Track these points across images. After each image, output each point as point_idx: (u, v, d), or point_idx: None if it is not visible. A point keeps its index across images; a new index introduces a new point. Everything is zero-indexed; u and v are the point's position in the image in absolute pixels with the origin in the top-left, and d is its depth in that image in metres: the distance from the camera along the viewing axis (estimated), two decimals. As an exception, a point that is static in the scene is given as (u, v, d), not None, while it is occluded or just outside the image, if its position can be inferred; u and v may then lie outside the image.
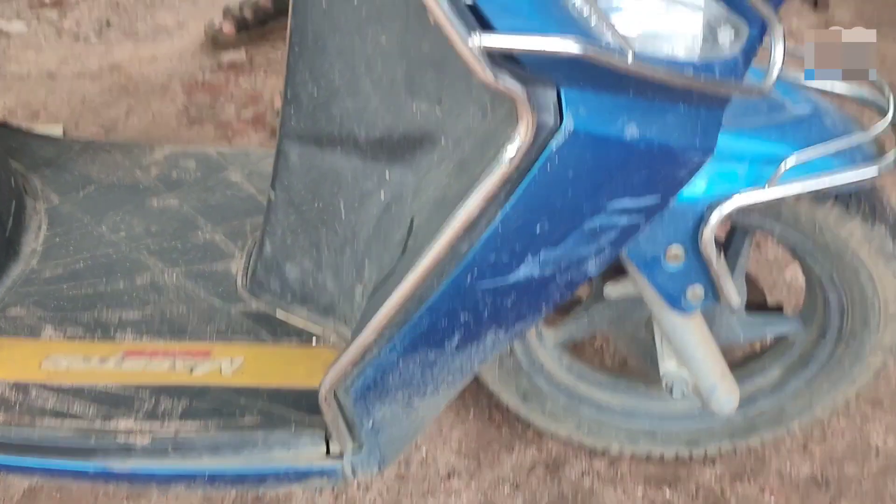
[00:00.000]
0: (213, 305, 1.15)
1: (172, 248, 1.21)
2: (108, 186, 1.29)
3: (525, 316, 0.90)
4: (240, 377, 1.08)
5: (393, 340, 0.87)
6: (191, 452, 1.02)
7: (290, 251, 1.10)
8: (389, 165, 0.95)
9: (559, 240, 0.82)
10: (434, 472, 1.45)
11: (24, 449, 1.00)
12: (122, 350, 1.09)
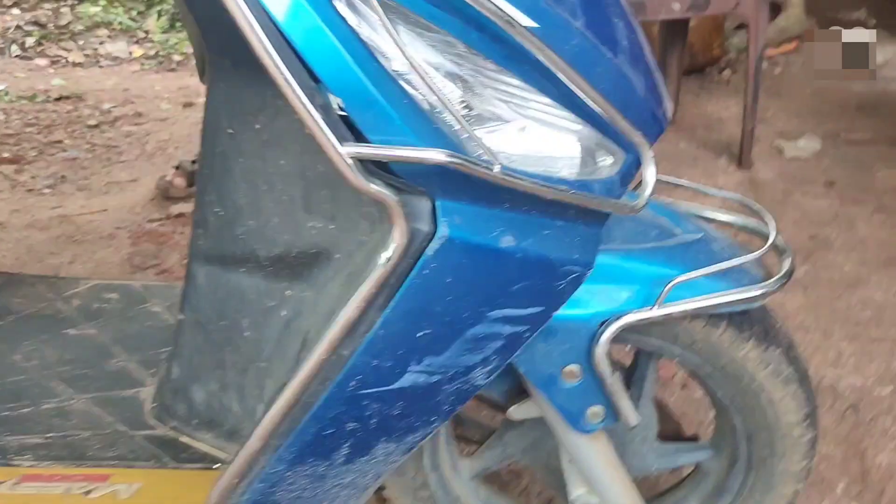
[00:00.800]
0: (117, 430, 1.15)
1: (83, 375, 1.22)
2: (27, 317, 1.31)
3: (416, 427, 0.91)
4: (136, 501, 1.06)
5: (279, 451, 0.88)
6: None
7: (197, 372, 1.11)
8: (290, 283, 0.99)
9: (443, 347, 0.85)
10: None
11: None
12: (19, 474, 1.07)
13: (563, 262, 0.87)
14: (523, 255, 0.84)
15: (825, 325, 2.10)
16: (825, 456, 1.70)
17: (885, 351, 2.00)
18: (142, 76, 4.54)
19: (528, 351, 0.99)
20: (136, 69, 4.66)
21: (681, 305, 1.02)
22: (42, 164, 2.98)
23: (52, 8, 5.15)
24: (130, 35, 5.09)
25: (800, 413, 1.18)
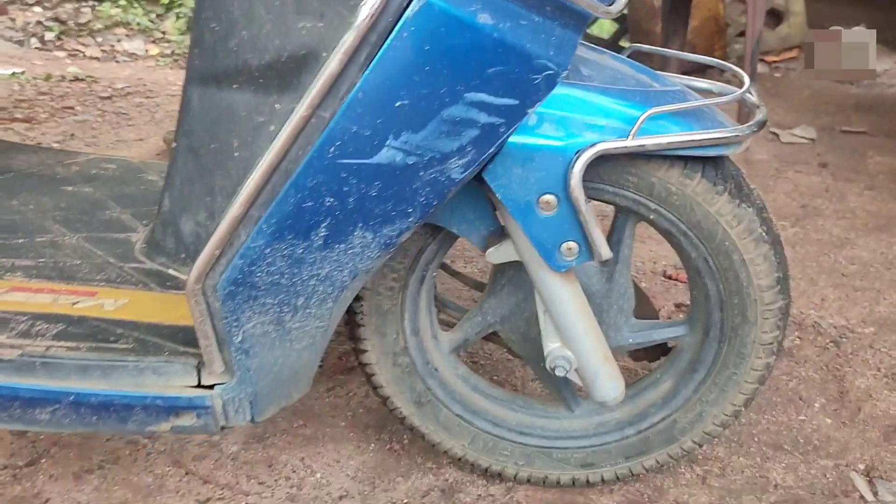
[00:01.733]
0: (107, 261, 1.18)
1: (78, 219, 1.26)
2: (27, 174, 1.36)
3: (392, 217, 0.95)
4: (120, 313, 1.09)
5: (260, 223, 0.91)
6: (59, 371, 1.02)
7: (187, 202, 1.15)
8: (279, 95, 1.03)
9: (420, 124, 0.89)
10: (326, 493, 1.42)
11: None
12: (9, 286, 1.10)
13: (538, 55, 0.92)
14: (500, 38, 0.89)
15: (812, 276, 2.13)
16: (804, 378, 1.72)
17: (870, 298, 2.02)
18: (156, 70, 4.65)
19: (505, 175, 1.04)
20: (150, 65, 4.78)
21: (654, 139, 1.06)
22: (53, 125, 3.06)
23: (74, 7, 5.29)
24: (148, 35, 5.22)
25: (771, 276, 1.21)
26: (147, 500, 1.43)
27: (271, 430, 1.59)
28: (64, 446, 1.55)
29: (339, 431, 1.59)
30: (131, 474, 1.49)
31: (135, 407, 1.04)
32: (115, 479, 1.48)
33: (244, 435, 1.58)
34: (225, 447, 1.55)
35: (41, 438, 1.56)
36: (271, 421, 1.61)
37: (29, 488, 1.46)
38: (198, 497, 1.44)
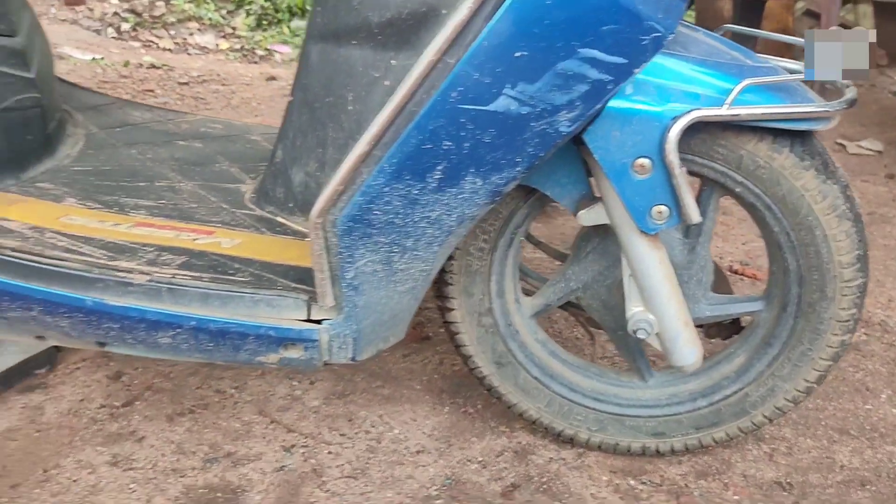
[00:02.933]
0: (220, 207, 1.27)
1: (191, 169, 1.35)
2: (142, 127, 1.45)
3: (501, 165, 1.01)
4: (236, 251, 1.17)
5: (381, 162, 0.98)
6: (182, 298, 1.10)
7: (299, 153, 1.23)
8: (396, 51, 1.11)
9: (536, 75, 0.96)
10: (404, 447, 1.48)
11: (30, 274, 1.08)
12: (134, 221, 1.19)
13: (648, 16, 0.98)
14: (613, -4, 0.95)
15: (879, 278, 2.15)
16: (871, 371, 1.75)
17: (938, 302, 2.04)
18: (226, 63, 4.79)
19: (603, 138, 1.10)
20: (221, 59, 4.93)
21: (749, 109, 1.11)
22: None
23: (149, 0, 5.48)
24: (218, 30, 5.38)
25: (852, 254, 1.24)
26: (236, 443, 1.51)
27: (350, 388, 1.66)
28: (156, 391, 1.64)
29: (415, 393, 1.65)
30: (220, 419, 1.57)
31: (248, 336, 1.12)
32: (205, 422, 1.56)
33: (325, 391, 1.65)
34: (307, 401, 1.63)
35: (135, 383, 1.66)
36: (350, 380, 1.69)
37: (125, 426, 1.55)
38: (283, 443, 1.52)
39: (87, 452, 1.47)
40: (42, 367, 1.67)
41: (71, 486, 1.40)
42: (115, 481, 1.41)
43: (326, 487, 1.42)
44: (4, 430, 1.52)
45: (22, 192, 1.21)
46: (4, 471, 1.43)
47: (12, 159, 1.22)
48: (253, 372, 1.70)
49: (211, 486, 1.41)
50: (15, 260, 1.09)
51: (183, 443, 1.50)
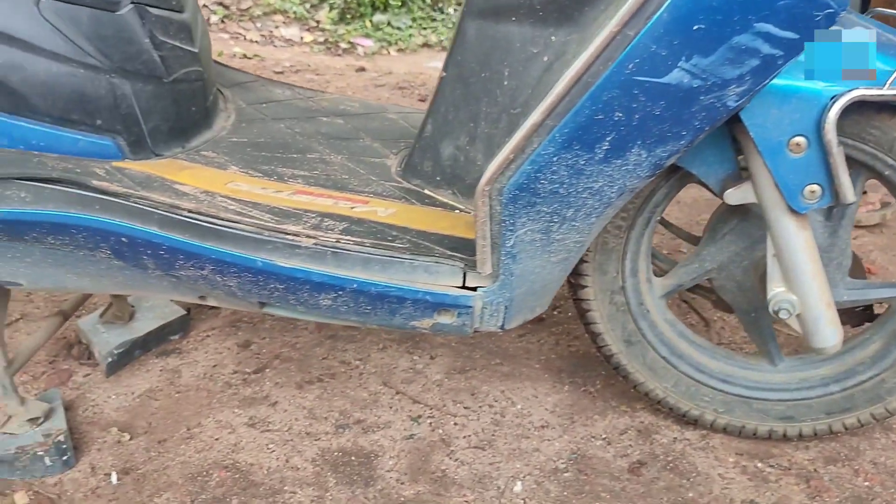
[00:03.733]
0: (370, 178, 1.31)
1: (337, 143, 1.40)
2: (286, 104, 1.51)
3: (667, 138, 1.04)
4: (391, 219, 1.21)
5: (553, 132, 1.02)
6: (346, 262, 1.14)
7: (450, 127, 1.27)
8: (556, 28, 1.14)
9: (711, 48, 0.98)
10: (528, 422, 1.51)
11: (206, 234, 1.14)
12: (293, 189, 1.25)
13: (821, -6, 0.99)
14: (791, -27, 0.96)
15: None
16: None
17: None
18: (312, 55, 4.89)
19: (761, 115, 1.11)
20: (306, 51, 5.03)
21: (910, 89, 1.11)
22: (236, 92, 3.26)
23: (237, -6, 5.60)
24: (303, 23, 5.49)
25: None
26: (364, 411, 1.56)
27: (470, 364, 1.70)
28: (284, 360, 1.70)
29: (534, 372, 1.68)
30: (348, 389, 1.62)
31: (406, 300, 1.16)
32: (333, 391, 1.61)
33: (446, 366, 1.69)
34: (429, 374, 1.67)
35: (263, 351, 1.72)
36: (469, 357, 1.72)
37: (258, 391, 1.61)
38: (410, 413, 1.56)
39: (225, 414, 1.54)
40: (176, 333, 1.74)
41: (213, 444, 1.46)
42: (254, 441, 1.47)
43: (455, 456, 1.45)
44: (146, 391, 1.59)
45: (189, 159, 1.28)
46: (150, 427, 1.50)
47: (180, 129, 1.29)
48: (375, 345, 1.75)
49: (344, 450, 1.46)
50: (192, 220, 1.15)
51: (314, 409, 1.56)
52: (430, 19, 5.25)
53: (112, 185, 1.13)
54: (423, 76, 3.86)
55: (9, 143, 1.15)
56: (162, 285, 1.25)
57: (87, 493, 1.35)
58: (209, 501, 1.34)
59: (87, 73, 1.16)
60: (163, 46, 1.23)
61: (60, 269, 1.24)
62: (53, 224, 1.14)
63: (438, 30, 5.09)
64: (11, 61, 1.12)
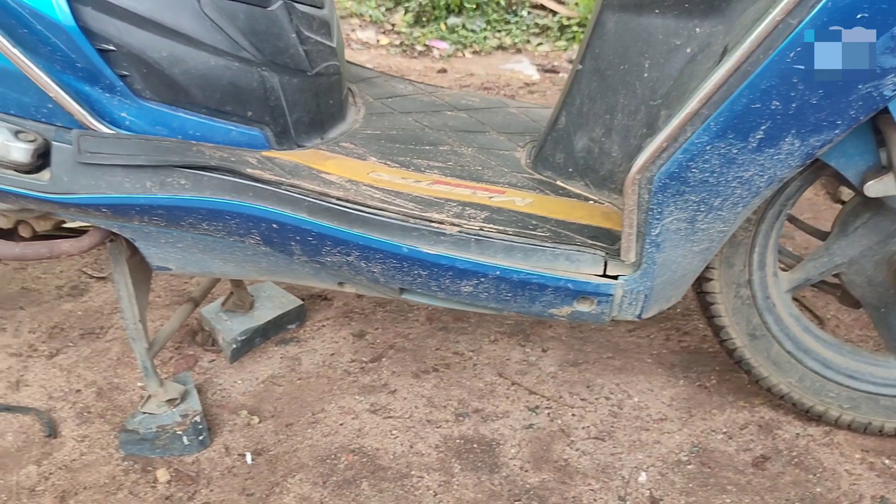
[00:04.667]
0: (501, 169, 1.34)
1: (465, 136, 1.43)
2: (410, 99, 1.55)
3: (821, 127, 1.04)
4: (530, 209, 1.24)
5: (708, 121, 1.03)
6: (489, 249, 1.17)
7: (584, 119, 1.29)
8: (701, 19, 1.15)
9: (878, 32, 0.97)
10: (646, 414, 1.51)
11: (353, 221, 1.18)
12: (431, 179, 1.28)
13: None
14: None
15: None
16: None
17: None
18: (388, 57, 4.95)
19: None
20: (382, 53, 5.10)
21: None
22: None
23: (314, -2, 5.71)
24: (379, 26, 5.56)
25: None
26: (482, 401, 1.59)
27: (582, 357, 1.71)
28: (399, 350, 1.73)
29: (647, 366, 1.69)
30: (463, 379, 1.65)
31: (547, 288, 1.18)
32: (449, 381, 1.64)
33: (558, 359, 1.70)
34: (543, 366, 1.69)
35: (378, 341, 1.76)
36: (580, 350, 1.74)
37: (376, 379, 1.64)
38: (527, 404, 1.58)
39: (346, 400, 1.58)
40: (293, 322, 1.79)
41: (338, 429, 1.50)
42: (377, 427, 1.51)
43: (576, 447, 1.47)
44: (269, 377, 1.64)
45: (329, 150, 1.32)
46: (277, 411, 1.55)
47: (319, 121, 1.33)
48: (486, 337, 1.77)
49: (466, 438, 1.49)
50: (340, 208, 1.19)
51: (433, 397, 1.59)
52: (505, 22, 5.27)
53: (265, 174, 1.18)
54: (504, 77, 3.88)
55: (168, 133, 1.21)
56: (304, 271, 1.30)
57: (223, 471, 1.40)
58: (340, 483, 1.38)
59: (241, 66, 1.21)
60: (307, 41, 1.28)
61: (208, 254, 1.29)
62: (209, 210, 1.19)
63: (513, 32, 5.11)
64: (174, 55, 1.17)
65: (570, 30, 4.96)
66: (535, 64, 4.54)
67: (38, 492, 1.35)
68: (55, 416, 1.52)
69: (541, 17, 5.37)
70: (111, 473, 1.40)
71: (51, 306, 1.87)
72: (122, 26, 1.14)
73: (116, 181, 1.18)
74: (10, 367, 1.65)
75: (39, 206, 1.22)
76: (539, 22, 5.24)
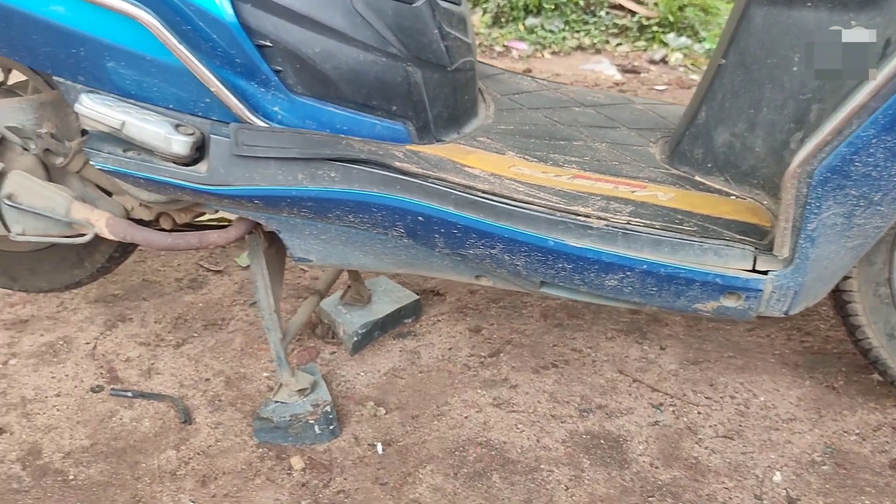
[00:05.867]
0: (638, 164, 1.33)
1: (596, 131, 1.43)
2: (537, 95, 1.55)
3: None
4: (673, 203, 1.23)
5: (876, 113, 1.01)
6: (635, 243, 1.17)
7: (726, 114, 1.27)
8: (857, 12, 1.13)
9: None
10: (774, 414, 1.49)
11: (500, 214, 1.19)
12: (571, 173, 1.28)
13: None
14: None
15: None
16: None
17: None
18: (468, 58, 4.95)
19: None
20: (461, 54, 5.10)
21: None
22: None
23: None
24: (456, 27, 5.56)
25: None
26: (604, 397, 1.58)
27: (702, 356, 1.70)
28: (516, 346, 1.74)
29: (770, 366, 1.66)
30: (583, 375, 1.65)
31: (694, 282, 1.18)
32: (570, 377, 1.64)
33: (678, 357, 1.69)
34: (663, 364, 1.67)
35: (494, 337, 1.77)
36: (699, 349, 1.72)
37: (496, 374, 1.65)
38: (650, 400, 1.57)
39: (469, 394, 1.59)
40: (409, 317, 1.82)
41: (464, 422, 1.52)
42: (502, 421, 1.52)
43: (704, 444, 1.45)
44: (391, 370, 1.67)
45: (468, 144, 1.33)
46: (401, 403, 1.57)
47: (456, 116, 1.35)
48: (603, 334, 1.77)
49: (592, 434, 1.48)
50: (486, 201, 1.20)
51: (554, 393, 1.59)
52: (583, 22, 5.24)
53: (412, 167, 1.20)
54: (591, 77, 3.86)
55: (317, 127, 1.24)
56: (443, 264, 1.31)
57: (355, 460, 1.43)
58: (471, 475, 1.39)
59: (388, 61, 1.24)
60: (448, 37, 1.29)
61: (349, 246, 1.32)
62: (357, 202, 1.21)
63: (591, 32, 5.08)
64: (326, 50, 1.20)
65: (649, 30, 4.91)
66: (616, 64, 4.50)
67: (179, 475, 1.40)
68: (188, 404, 1.57)
69: (619, 17, 5.32)
70: (247, 460, 1.43)
71: (172, 298, 1.92)
72: (279, 23, 1.18)
73: (270, 173, 1.21)
74: (140, 356, 1.71)
75: (194, 196, 1.26)
76: (617, 22, 5.20)
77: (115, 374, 1.65)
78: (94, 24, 1.17)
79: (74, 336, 1.77)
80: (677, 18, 4.81)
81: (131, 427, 1.51)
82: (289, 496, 1.35)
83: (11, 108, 1.36)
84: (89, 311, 1.87)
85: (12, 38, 1.20)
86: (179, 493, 1.36)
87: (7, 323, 1.82)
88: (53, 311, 1.87)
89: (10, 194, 1.30)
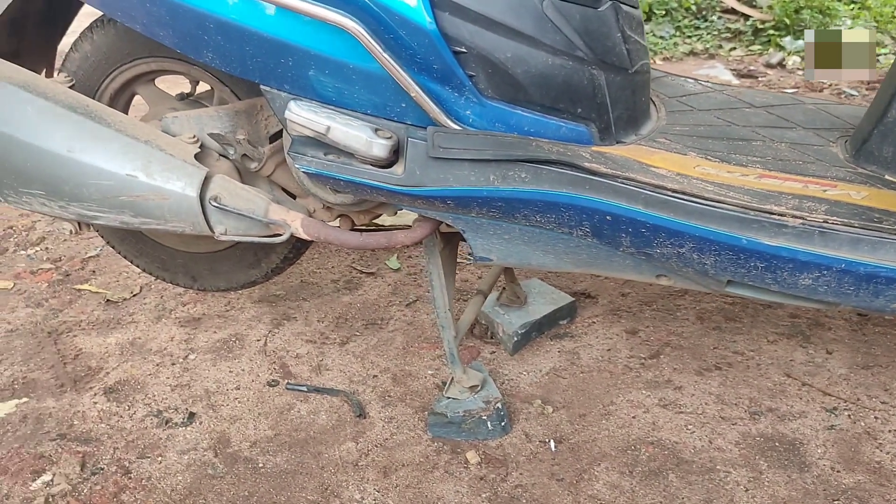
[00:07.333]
0: (824, 164, 1.32)
1: (773, 131, 1.42)
2: (703, 97, 1.56)
3: None
4: (868, 202, 1.22)
5: None
6: (833, 241, 1.16)
7: (921, 111, 1.25)
8: None
9: None
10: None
11: (691, 213, 1.20)
12: (756, 173, 1.28)
13: None
14: None
15: None
16: None
17: None
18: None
19: None
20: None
21: None
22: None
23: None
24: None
25: None
26: (774, 400, 1.57)
27: (872, 360, 1.66)
28: (675, 348, 1.74)
29: (946, 371, 1.61)
30: (749, 378, 1.63)
31: (894, 282, 1.16)
32: (735, 379, 1.63)
33: (846, 361, 1.66)
34: (832, 368, 1.65)
35: (652, 339, 1.77)
36: (868, 353, 1.69)
37: (658, 375, 1.66)
38: (823, 404, 1.55)
39: (634, 394, 1.60)
40: (564, 318, 1.84)
41: (632, 422, 1.53)
42: (671, 422, 1.52)
43: (886, 449, 1.43)
44: (552, 369, 1.69)
45: (648, 145, 1.35)
46: (566, 402, 1.59)
47: (633, 117, 1.37)
48: (764, 337, 1.75)
49: (766, 436, 1.47)
50: (677, 200, 1.21)
51: (721, 395, 1.58)
52: (695, 27, 5.17)
53: (601, 167, 1.22)
54: (714, 81, 3.80)
55: (506, 129, 1.28)
56: (624, 264, 1.33)
57: (528, 456, 1.46)
58: (646, 474, 1.40)
59: (575, 65, 1.27)
60: (629, 40, 1.31)
61: (529, 246, 1.35)
62: (546, 202, 1.24)
63: (703, 37, 5.00)
64: (518, 55, 1.24)
65: (764, 33, 4.81)
66: (730, 69, 4.43)
67: (361, 466, 1.45)
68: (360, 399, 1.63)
69: (731, 21, 5.23)
70: (424, 453, 1.48)
71: (331, 298, 2.00)
72: (475, 29, 1.22)
73: (463, 175, 1.26)
74: (308, 353, 1.79)
75: (389, 197, 1.31)
76: (730, 26, 5.11)
77: (288, 370, 1.73)
78: (303, 35, 1.24)
79: (245, 333, 1.86)
80: (793, 21, 4.70)
81: (309, 420, 1.58)
82: (468, 488, 1.39)
83: (210, 117, 1.45)
84: (255, 310, 1.96)
85: (226, 50, 1.29)
86: (364, 483, 1.41)
87: (182, 321, 1.93)
88: (222, 310, 1.96)
89: (215, 196, 1.38)
